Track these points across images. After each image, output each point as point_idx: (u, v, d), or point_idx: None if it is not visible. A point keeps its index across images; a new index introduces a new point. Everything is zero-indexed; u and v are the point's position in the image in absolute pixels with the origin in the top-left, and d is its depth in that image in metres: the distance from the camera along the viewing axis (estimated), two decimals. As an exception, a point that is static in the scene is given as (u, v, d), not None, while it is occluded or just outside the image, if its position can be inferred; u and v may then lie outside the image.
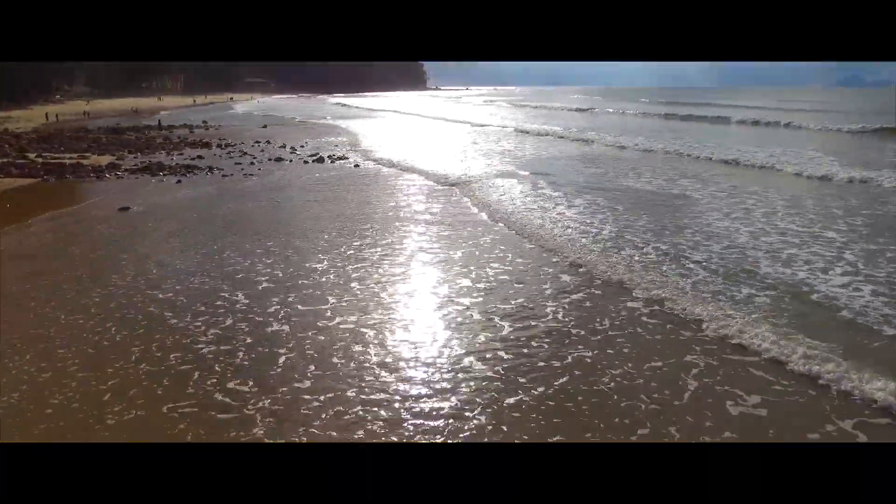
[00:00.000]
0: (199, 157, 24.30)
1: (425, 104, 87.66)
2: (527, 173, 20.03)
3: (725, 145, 27.78)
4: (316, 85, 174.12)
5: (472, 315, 7.79)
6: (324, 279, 9.23)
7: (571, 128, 39.20)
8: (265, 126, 42.36)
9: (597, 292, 8.59)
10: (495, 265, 9.85)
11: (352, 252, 10.68)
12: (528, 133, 37.11)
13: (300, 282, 9.09)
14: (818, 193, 16.34)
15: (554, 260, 10.14)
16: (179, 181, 18.98)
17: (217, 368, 6.33)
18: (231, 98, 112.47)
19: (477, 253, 10.59)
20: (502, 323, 7.53)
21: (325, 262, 10.05)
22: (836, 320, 7.49)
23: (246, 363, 6.48)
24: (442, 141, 32.91)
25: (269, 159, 23.96)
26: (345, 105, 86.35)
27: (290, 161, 23.56)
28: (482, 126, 43.56)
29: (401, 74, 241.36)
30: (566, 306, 8.05)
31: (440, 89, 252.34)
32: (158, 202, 15.54)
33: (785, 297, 8.23)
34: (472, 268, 9.73)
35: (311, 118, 54.44)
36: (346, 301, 8.31)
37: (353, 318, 7.71)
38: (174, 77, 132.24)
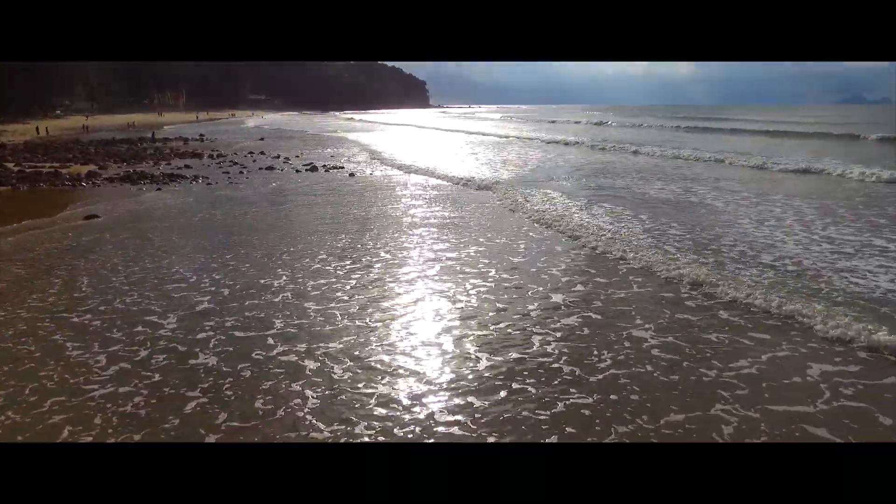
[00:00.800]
0: (187, 166, 23.01)
1: (438, 120, 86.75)
2: (580, 180, 18.61)
3: (752, 153, 26.54)
4: (318, 102, 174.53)
5: (445, 347, 6.20)
6: (277, 298, 7.67)
7: (597, 139, 38.11)
8: (262, 138, 41.24)
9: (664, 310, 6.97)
10: (477, 287, 8.25)
11: (317, 266, 9.12)
12: (567, 144, 36.29)
13: (247, 302, 7.54)
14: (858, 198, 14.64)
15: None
16: (159, 189, 17.69)
17: (98, 421, 4.77)
18: (233, 114, 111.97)
19: (458, 268, 9.01)
20: (480, 354, 5.92)
21: (284, 278, 8.51)
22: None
23: (141, 412, 4.91)
24: (474, 151, 31.49)
25: (260, 169, 22.63)
26: (357, 120, 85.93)
27: (282, 170, 22.20)
28: (520, 139, 42.24)
29: (404, 92, 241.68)
30: (619, 309, 6.42)
31: (443, 107, 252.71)
32: (128, 211, 14.16)
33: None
34: (450, 286, 8.14)
35: (323, 132, 53.58)
36: (295, 325, 6.74)
37: (300, 347, 6.15)
38: (175, 95, 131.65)
